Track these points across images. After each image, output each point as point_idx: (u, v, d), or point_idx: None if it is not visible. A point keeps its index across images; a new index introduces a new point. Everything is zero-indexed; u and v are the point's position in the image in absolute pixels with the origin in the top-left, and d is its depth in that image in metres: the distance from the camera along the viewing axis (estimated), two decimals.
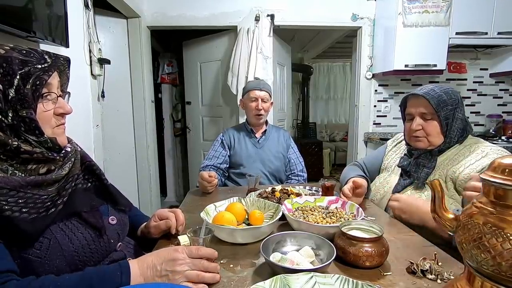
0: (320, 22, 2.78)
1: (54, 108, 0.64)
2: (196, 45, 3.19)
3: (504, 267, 0.44)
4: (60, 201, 0.61)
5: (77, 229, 0.64)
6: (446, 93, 1.08)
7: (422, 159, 1.13)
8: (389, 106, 2.95)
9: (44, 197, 0.59)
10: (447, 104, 1.06)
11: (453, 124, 1.07)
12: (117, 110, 2.47)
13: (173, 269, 0.61)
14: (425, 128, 1.10)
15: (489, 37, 2.48)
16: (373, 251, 0.72)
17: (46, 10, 1.25)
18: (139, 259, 0.64)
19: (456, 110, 1.07)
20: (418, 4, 2.40)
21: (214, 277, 0.65)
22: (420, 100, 1.10)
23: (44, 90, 0.61)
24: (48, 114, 0.62)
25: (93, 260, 0.66)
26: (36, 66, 0.59)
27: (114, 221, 0.75)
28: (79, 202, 0.67)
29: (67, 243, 0.61)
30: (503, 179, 0.46)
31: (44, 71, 0.60)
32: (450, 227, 0.55)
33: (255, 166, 1.72)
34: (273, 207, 1.00)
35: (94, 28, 1.82)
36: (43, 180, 0.59)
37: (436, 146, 1.11)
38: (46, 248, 0.58)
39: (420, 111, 1.10)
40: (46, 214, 0.58)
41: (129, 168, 2.64)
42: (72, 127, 1.44)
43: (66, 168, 0.64)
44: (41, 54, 0.62)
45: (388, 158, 1.33)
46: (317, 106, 6.61)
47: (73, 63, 0.73)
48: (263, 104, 1.73)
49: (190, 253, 0.65)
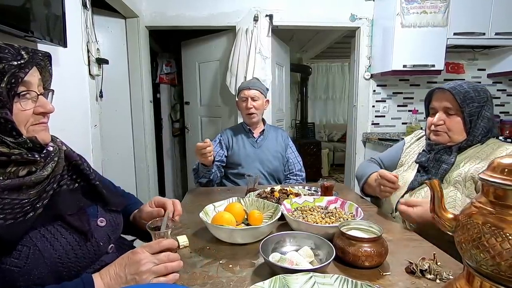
0: (319, 23, 2.78)
1: (34, 107, 0.60)
2: (194, 45, 3.18)
3: (503, 267, 0.44)
4: (40, 204, 0.57)
5: (60, 234, 0.61)
6: (474, 89, 1.04)
7: (442, 154, 1.09)
8: (387, 106, 2.96)
9: (24, 201, 0.55)
10: (474, 100, 1.02)
11: (478, 122, 1.03)
12: (115, 110, 2.46)
13: (138, 271, 0.60)
14: (448, 123, 1.07)
15: (486, 38, 2.49)
16: (372, 251, 0.72)
17: (44, 10, 1.24)
18: (101, 272, 0.61)
19: (483, 108, 1.03)
20: (416, 5, 2.41)
21: (179, 263, 0.65)
22: (445, 95, 1.07)
23: (21, 89, 0.57)
24: (26, 114, 0.58)
25: (80, 265, 0.62)
26: (12, 63, 0.55)
27: (103, 222, 0.71)
28: (64, 204, 0.64)
29: (49, 250, 0.57)
30: (503, 179, 0.46)
31: (20, 68, 0.56)
32: (449, 227, 0.55)
33: (253, 166, 1.72)
34: (272, 207, 1.00)
35: (92, 28, 1.82)
36: (21, 183, 0.55)
37: (456, 142, 1.07)
38: (26, 257, 0.55)
39: (444, 105, 1.07)
40: (23, 219, 0.54)
41: (128, 169, 2.63)
42: (70, 127, 1.44)
43: (48, 169, 0.61)
44: (18, 50, 0.58)
45: (406, 154, 1.29)
46: (315, 106, 6.62)
47: (71, 63, 0.73)
48: (253, 102, 1.73)
49: (152, 248, 0.64)
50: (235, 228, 0.87)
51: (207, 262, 0.77)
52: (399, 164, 1.30)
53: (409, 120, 2.98)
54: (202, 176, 1.56)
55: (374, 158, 1.44)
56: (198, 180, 1.60)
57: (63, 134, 0.69)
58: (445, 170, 1.06)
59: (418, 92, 2.96)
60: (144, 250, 0.63)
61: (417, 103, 2.98)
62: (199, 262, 0.77)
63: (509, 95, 3.03)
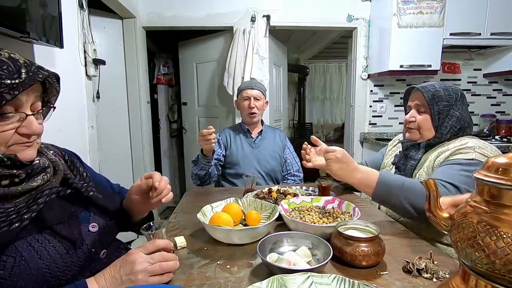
0: (316, 23, 2.79)
1: (19, 127, 0.57)
2: (192, 45, 3.18)
3: (498, 265, 0.45)
4: (27, 215, 0.56)
5: (48, 242, 0.59)
6: (445, 89, 1.09)
7: (410, 151, 1.16)
8: (384, 106, 2.97)
9: (10, 209, 0.54)
10: (443, 99, 1.07)
11: (445, 119, 1.08)
12: (112, 111, 2.45)
13: (132, 271, 0.60)
14: (418, 120, 1.13)
15: (482, 38, 2.51)
16: (370, 250, 0.72)
17: (40, 11, 1.24)
18: (97, 276, 0.62)
19: (452, 108, 1.07)
20: (412, 5, 2.42)
21: (175, 263, 0.66)
22: (417, 93, 1.13)
23: (5, 109, 0.54)
24: (6, 134, 0.56)
25: (70, 274, 0.61)
26: (5, 81, 0.53)
27: (95, 228, 0.70)
28: (53, 213, 0.62)
29: (36, 260, 0.56)
30: (497, 178, 0.47)
31: (10, 89, 0.53)
32: (445, 226, 0.56)
33: (251, 166, 1.72)
34: (270, 208, 1.00)
35: (89, 28, 1.81)
36: (6, 192, 0.54)
37: (425, 140, 1.13)
38: (11, 268, 0.53)
39: (416, 103, 1.14)
40: (8, 229, 0.53)
41: (125, 170, 2.62)
42: (67, 128, 1.43)
43: (38, 180, 0.59)
44: (19, 68, 0.55)
45: (387, 157, 1.35)
46: (313, 106, 6.62)
47: (67, 64, 0.72)
48: (256, 102, 1.74)
49: (146, 249, 0.65)
50: (232, 228, 0.87)
51: (205, 263, 0.77)
52: (381, 167, 1.36)
53: None
54: (201, 168, 1.55)
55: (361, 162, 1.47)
56: (196, 172, 1.57)
57: (60, 135, 0.69)
58: (411, 166, 1.12)
59: None
60: (139, 251, 0.64)
61: None
62: (196, 263, 0.77)
63: (505, 94, 3.05)
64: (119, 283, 0.60)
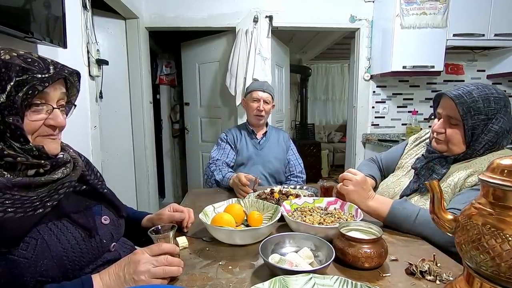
0: (318, 24, 2.79)
1: (46, 119, 0.63)
2: (194, 46, 3.19)
3: (503, 268, 0.44)
4: (50, 203, 0.61)
5: (66, 229, 0.64)
6: (485, 98, 0.91)
7: (435, 163, 1.02)
8: (387, 107, 2.96)
9: (33, 197, 0.58)
10: (481, 112, 0.90)
11: (481, 136, 0.92)
12: (115, 111, 2.46)
13: (136, 271, 0.62)
14: (448, 133, 0.98)
15: (486, 39, 2.50)
16: (372, 252, 0.71)
17: (44, 11, 1.25)
18: (101, 272, 0.64)
19: (490, 121, 0.91)
20: (415, 6, 2.41)
21: (178, 269, 0.67)
22: (450, 102, 0.95)
23: (36, 100, 0.61)
24: (36, 124, 0.62)
25: (84, 260, 0.65)
26: (36, 75, 0.59)
27: (107, 221, 0.74)
28: (69, 204, 0.66)
29: (56, 243, 0.60)
30: (502, 180, 0.46)
31: (42, 81, 0.60)
32: (449, 228, 0.55)
33: (255, 167, 1.72)
34: (272, 208, 1.00)
35: (92, 29, 1.82)
36: (31, 182, 0.58)
37: (454, 154, 0.99)
38: (33, 249, 0.57)
39: (447, 113, 0.98)
40: (33, 214, 0.58)
41: (127, 170, 2.63)
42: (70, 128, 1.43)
43: (58, 173, 0.64)
44: (47, 65, 0.62)
45: (406, 157, 1.23)
46: (315, 107, 6.62)
47: (71, 64, 0.73)
48: (265, 105, 1.74)
49: (152, 251, 0.66)
50: (234, 229, 0.87)
51: (207, 264, 0.77)
52: (397, 166, 1.26)
53: (408, 121, 2.98)
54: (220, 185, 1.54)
55: (376, 156, 1.41)
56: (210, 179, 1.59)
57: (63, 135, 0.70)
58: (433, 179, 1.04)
59: (418, 93, 2.96)
60: (145, 251, 0.66)
61: (416, 104, 2.98)
62: (198, 263, 0.77)
63: (509, 96, 3.02)
64: (122, 281, 0.62)
